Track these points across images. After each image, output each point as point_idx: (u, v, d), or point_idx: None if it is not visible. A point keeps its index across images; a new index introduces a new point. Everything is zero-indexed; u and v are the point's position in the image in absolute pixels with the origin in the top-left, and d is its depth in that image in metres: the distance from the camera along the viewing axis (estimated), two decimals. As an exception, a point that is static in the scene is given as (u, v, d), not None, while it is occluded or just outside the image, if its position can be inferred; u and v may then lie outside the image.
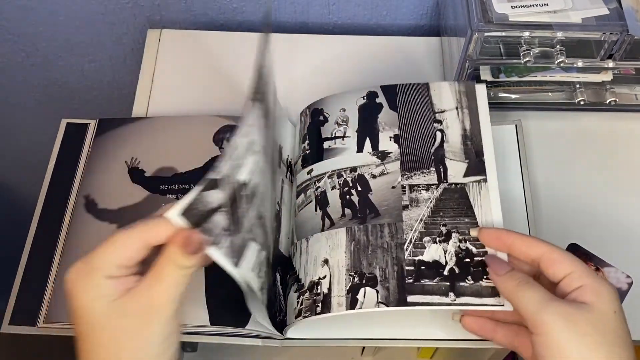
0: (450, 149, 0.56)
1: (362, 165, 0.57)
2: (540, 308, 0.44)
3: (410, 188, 0.55)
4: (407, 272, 0.51)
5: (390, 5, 0.79)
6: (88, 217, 0.60)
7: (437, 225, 0.53)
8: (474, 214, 0.53)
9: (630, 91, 0.68)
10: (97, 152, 0.64)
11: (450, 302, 0.49)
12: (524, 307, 0.45)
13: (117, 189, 0.61)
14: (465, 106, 0.58)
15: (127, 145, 0.64)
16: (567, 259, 0.46)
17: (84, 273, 0.41)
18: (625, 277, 0.58)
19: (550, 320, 0.43)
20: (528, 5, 0.59)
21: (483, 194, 0.54)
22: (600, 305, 0.44)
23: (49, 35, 0.84)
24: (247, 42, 0.76)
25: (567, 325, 0.43)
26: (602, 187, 0.65)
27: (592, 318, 0.43)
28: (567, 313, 0.43)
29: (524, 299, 0.45)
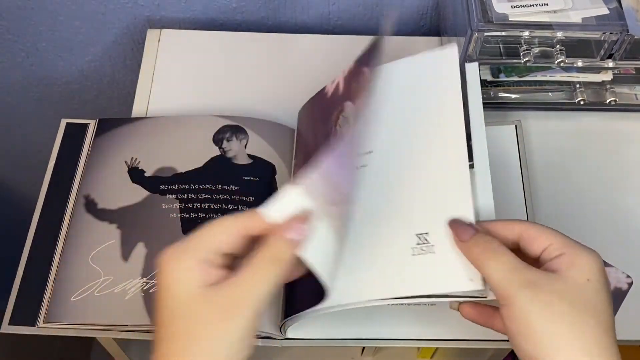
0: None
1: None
2: (506, 277, 0.41)
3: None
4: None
5: (390, 5, 0.79)
6: (88, 217, 0.60)
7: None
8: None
9: (630, 91, 0.68)
10: (97, 152, 0.64)
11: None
12: (490, 276, 0.42)
13: (116, 189, 0.61)
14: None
15: (127, 145, 0.64)
16: (545, 232, 0.44)
17: (179, 253, 0.39)
18: (625, 277, 0.58)
19: (516, 291, 0.40)
20: (528, 5, 0.59)
21: (471, 180, 0.49)
22: (572, 273, 0.41)
23: (49, 35, 0.84)
24: (247, 42, 0.76)
25: (533, 298, 0.40)
26: (602, 187, 0.65)
27: (559, 287, 0.41)
28: (532, 282, 0.41)
29: (489, 267, 0.42)
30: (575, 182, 0.65)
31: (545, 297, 0.40)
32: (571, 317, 0.40)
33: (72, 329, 0.55)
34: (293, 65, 0.74)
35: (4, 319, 0.56)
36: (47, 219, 0.61)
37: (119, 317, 0.55)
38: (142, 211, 0.60)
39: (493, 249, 0.43)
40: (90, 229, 0.60)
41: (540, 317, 0.40)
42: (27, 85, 0.93)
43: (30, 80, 0.92)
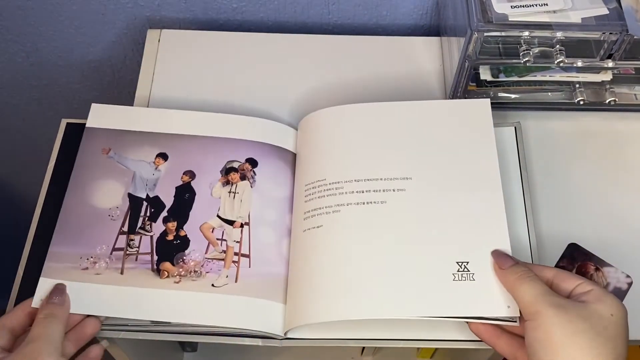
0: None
1: None
2: (537, 298, 0.47)
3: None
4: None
5: (390, 5, 0.79)
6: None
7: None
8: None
9: (630, 91, 0.68)
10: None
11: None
12: (521, 297, 0.48)
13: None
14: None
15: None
16: (576, 275, 0.50)
17: None
18: (625, 277, 0.58)
19: (544, 308, 0.46)
20: (528, 5, 0.59)
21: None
22: (598, 306, 0.46)
23: (49, 35, 0.84)
24: (247, 42, 0.76)
25: (558, 314, 0.45)
26: (602, 187, 0.65)
27: (586, 314, 0.46)
28: (562, 305, 0.46)
29: (522, 290, 0.48)
30: (575, 182, 0.65)
31: (569, 316, 0.45)
32: (590, 335, 0.45)
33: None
34: (293, 65, 0.74)
35: (4, 319, 0.56)
36: (47, 219, 0.61)
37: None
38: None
39: (528, 276, 0.49)
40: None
41: (562, 330, 0.45)
42: (27, 85, 0.93)
43: (30, 80, 0.92)
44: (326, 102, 0.69)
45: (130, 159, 0.63)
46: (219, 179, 0.62)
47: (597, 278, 0.59)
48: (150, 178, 0.62)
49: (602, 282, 0.59)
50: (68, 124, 0.66)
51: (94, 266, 0.57)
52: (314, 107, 0.66)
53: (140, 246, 0.59)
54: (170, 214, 0.60)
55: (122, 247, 0.58)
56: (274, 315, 0.56)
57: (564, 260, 0.60)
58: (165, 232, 0.59)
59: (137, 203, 0.61)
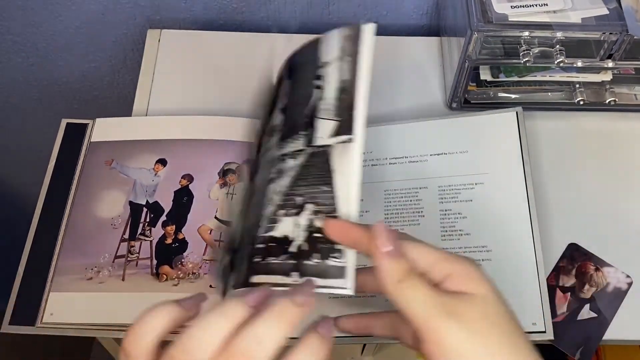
0: (324, 107, 0.46)
1: (265, 151, 0.51)
2: (426, 308, 0.38)
3: (280, 158, 0.47)
4: (257, 251, 0.45)
5: (390, 5, 0.79)
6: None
7: (293, 197, 0.45)
8: (332, 182, 0.44)
9: (629, 91, 0.68)
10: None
11: (292, 282, 0.42)
12: (408, 307, 0.38)
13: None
14: (348, 53, 0.46)
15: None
16: (422, 248, 0.41)
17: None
18: (625, 277, 0.58)
19: (439, 323, 0.37)
20: (528, 5, 0.59)
21: (346, 157, 0.43)
22: (484, 290, 0.39)
23: (49, 35, 0.84)
24: (247, 42, 0.76)
25: (458, 325, 0.37)
26: (602, 187, 0.65)
27: (480, 310, 0.38)
28: (455, 312, 0.38)
29: (409, 293, 0.38)
30: (575, 182, 0.65)
31: (471, 324, 0.38)
32: (500, 338, 0.38)
33: (72, 329, 0.55)
34: (293, 65, 0.74)
35: (4, 319, 0.56)
36: (47, 219, 0.61)
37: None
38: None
39: (413, 273, 0.39)
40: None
41: (472, 346, 0.37)
42: (27, 85, 0.93)
43: (30, 80, 0.92)
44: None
45: (131, 168, 0.63)
46: (217, 181, 0.62)
47: (597, 278, 0.59)
48: (149, 184, 0.62)
49: (602, 282, 0.59)
50: (68, 124, 0.66)
51: (97, 275, 0.58)
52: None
53: (140, 251, 0.59)
54: (169, 218, 0.60)
55: (123, 254, 0.59)
56: None
57: (564, 260, 0.60)
58: (164, 236, 0.60)
59: (138, 210, 0.61)
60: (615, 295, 0.58)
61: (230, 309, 0.34)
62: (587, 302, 0.58)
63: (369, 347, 0.79)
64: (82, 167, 0.63)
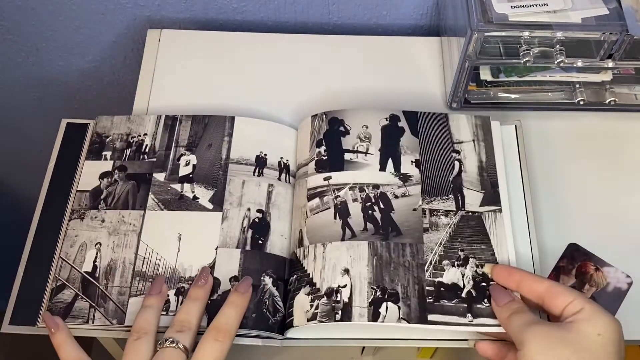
0: (468, 179, 0.60)
1: (385, 184, 0.59)
2: (522, 327, 0.48)
3: (431, 212, 0.58)
4: (427, 292, 0.54)
5: (390, 5, 0.79)
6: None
7: (455, 250, 0.56)
8: (490, 242, 0.56)
9: (630, 91, 0.68)
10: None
11: (467, 322, 0.52)
12: (511, 329, 0.49)
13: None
14: (481, 139, 0.62)
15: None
16: (568, 290, 0.50)
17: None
18: (625, 277, 0.58)
19: (527, 337, 0.47)
20: (528, 5, 0.59)
21: (498, 223, 0.57)
22: (585, 327, 0.46)
23: (49, 35, 0.84)
24: (247, 42, 0.76)
25: (541, 342, 0.46)
26: (602, 187, 0.65)
27: (569, 337, 0.46)
28: (544, 331, 0.47)
29: (512, 322, 0.49)
30: (575, 182, 0.65)
31: (551, 343, 0.46)
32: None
33: (74, 329, 0.55)
34: (293, 65, 0.74)
35: (4, 319, 0.56)
36: (47, 219, 0.61)
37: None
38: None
39: (521, 309, 0.50)
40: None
41: (544, 357, 0.45)
42: (27, 85, 0.93)
43: (30, 80, 0.92)
44: (326, 103, 0.69)
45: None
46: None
47: (597, 278, 0.59)
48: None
49: (602, 282, 0.59)
50: (68, 124, 0.66)
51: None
52: (314, 108, 0.66)
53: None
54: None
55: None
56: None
57: (564, 260, 0.60)
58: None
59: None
60: (615, 295, 0.58)
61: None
62: (587, 302, 0.58)
63: (369, 348, 0.79)
64: (82, 167, 0.63)
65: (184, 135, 0.65)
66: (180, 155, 0.63)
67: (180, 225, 0.59)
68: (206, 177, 0.62)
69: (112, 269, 0.57)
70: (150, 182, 0.62)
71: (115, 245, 0.58)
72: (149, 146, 0.64)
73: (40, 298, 0.56)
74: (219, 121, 0.65)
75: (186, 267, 0.57)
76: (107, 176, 0.62)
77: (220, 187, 0.61)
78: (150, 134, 0.65)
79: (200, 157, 0.63)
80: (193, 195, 0.61)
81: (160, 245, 0.58)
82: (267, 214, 0.60)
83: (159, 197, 0.61)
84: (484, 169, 0.60)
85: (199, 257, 0.57)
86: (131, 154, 0.64)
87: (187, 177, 0.62)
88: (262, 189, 0.61)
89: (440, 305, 0.53)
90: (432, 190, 0.59)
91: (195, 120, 0.66)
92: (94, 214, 0.60)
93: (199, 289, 0.54)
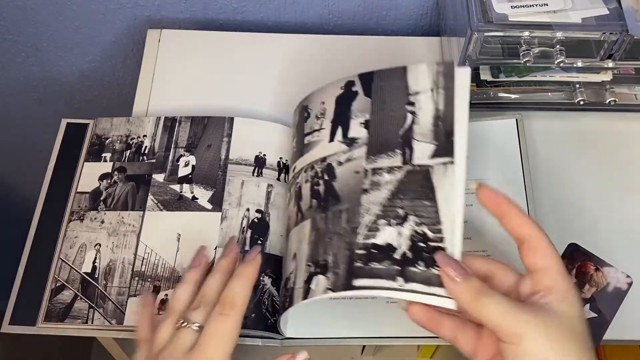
0: (420, 130, 0.52)
1: (331, 155, 0.55)
2: (511, 318, 0.42)
3: (373, 171, 0.52)
4: (358, 256, 0.48)
5: (390, 5, 0.79)
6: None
7: (394, 208, 0.50)
8: (435, 197, 0.49)
9: (630, 91, 0.68)
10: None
11: (397, 287, 0.46)
12: (489, 318, 0.43)
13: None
14: (441, 87, 0.53)
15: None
16: (550, 253, 0.46)
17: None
18: (625, 277, 0.58)
19: (525, 330, 0.42)
20: (528, 5, 0.59)
21: (448, 176, 0.49)
22: (568, 310, 0.44)
23: (49, 35, 0.84)
24: (247, 42, 0.76)
25: (540, 333, 0.42)
26: (602, 187, 0.65)
27: (563, 324, 0.43)
28: (540, 321, 0.42)
29: (486, 309, 0.43)
30: (575, 182, 0.65)
31: (554, 335, 0.42)
32: (577, 347, 0.42)
33: (72, 329, 0.55)
34: (293, 65, 0.74)
35: (4, 319, 0.56)
36: (47, 219, 0.61)
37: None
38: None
39: (486, 290, 0.43)
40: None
41: (554, 352, 0.42)
42: (27, 85, 0.93)
43: (30, 80, 0.92)
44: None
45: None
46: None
47: (597, 278, 0.59)
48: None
49: (602, 282, 0.59)
50: (68, 124, 0.66)
51: (94, 266, 0.58)
52: (314, 107, 0.66)
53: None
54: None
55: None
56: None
57: (564, 260, 0.60)
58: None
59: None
60: (615, 295, 0.58)
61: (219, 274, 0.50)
62: (587, 302, 0.58)
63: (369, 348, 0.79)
64: (82, 167, 0.63)
65: (183, 137, 0.65)
66: (180, 156, 0.63)
67: (180, 225, 0.59)
68: (205, 177, 0.62)
69: (112, 270, 0.57)
70: (149, 183, 0.62)
71: (114, 246, 0.58)
72: (149, 147, 0.64)
73: (40, 298, 0.56)
74: (218, 122, 0.65)
75: (185, 267, 0.57)
76: (107, 178, 0.62)
77: (219, 187, 0.61)
78: (149, 136, 0.65)
79: (200, 158, 0.63)
80: (192, 196, 0.61)
81: (160, 245, 0.58)
82: (266, 214, 0.60)
83: (158, 198, 0.61)
84: (440, 118, 0.52)
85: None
86: (130, 156, 0.64)
87: (187, 178, 0.62)
88: (261, 189, 0.61)
89: (370, 268, 0.47)
90: (378, 149, 0.53)
91: (195, 121, 0.66)
92: (93, 215, 0.60)
93: (223, 260, 0.51)
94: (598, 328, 0.57)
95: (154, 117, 0.66)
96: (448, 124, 0.51)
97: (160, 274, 0.57)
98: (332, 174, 0.54)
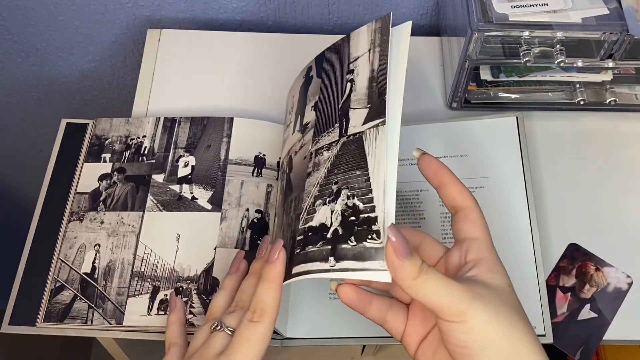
0: (356, 97, 0.48)
1: (292, 146, 0.54)
2: (452, 296, 0.41)
3: (316, 153, 0.49)
4: (297, 242, 0.46)
5: (390, 5, 0.79)
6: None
7: (330, 185, 0.46)
8: (367, 165, 0.45)
9: (630, 91, 0.68)
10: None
11: (329, 268, 0.43)
12: (430, 297, 0.41)
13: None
14: (377, 44, 0.49)
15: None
16: (482, 225, 0.45)
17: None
18: (625, 277, 0.58)
19: (467, 306, 0.40)
20: (528, 5, 0.59)
21: (379, 139, 0.44)
22: (501, 282, 0.43)
23: (49, 35, 0.84)
24: (247, 42, 0.76)
25: (484, 308, 0.41)
26: (602, 187, 0.65)
27: (500, 295, 0.42)
28: (481, 296, 0.41)
29: (426, 287, 0.41)
30: (575, 182, 0.65)
31: (496, 306, 0.41)
32: (517, 318, 0.42)
33: (72, 329, 0.55)
34: (293, 65, 0.74)
35: (4, 319, 0.56)
36: (47, 219, 0.61)
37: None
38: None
39: (427, 268, 0.41)
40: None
41: (501, 325, 0.41)
42: (27, 85, 0.93)
43: (30, 80, 0.92)
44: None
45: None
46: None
47: (597, 278, 0.59)
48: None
49: (602, 282, 0.59)
50: (68, 124, 0.66)
51: (93, 266, 0.58)
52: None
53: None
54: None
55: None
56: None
57: (564, 260, 0.60)
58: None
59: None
60: (615, 295, 0.58)
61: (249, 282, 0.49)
62: (587, 302, 0.58)
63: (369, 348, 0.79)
64: (81, 168, 0.63)
65: (183, 137, 0.65)
66: (179, 157, 0.63)
67: (179, 225, 0.59)
68: (205, 177, 0.62)
69: (111, 270, 0.57)
70: (149, 184, 0.62)
71: (114, 246, 0.58)
72: (148, 148, 0.64)
73: (39, 299, 0.56)
74: (218, 122, 0.65)
75: (184, 267, 0.57)
76: (106, 178, 0.62)
77: (219, 187, 0.61)
78: (149, 136, 0.65)
79: (199, 158, 0.63)
80: (192, 196, 0.61)
81: (159, 245, 0.58)
82: (265, 214, 0.60)
83: (158, 198, 0.61)
84: (375, 79, 0.47)
85: (197, 257, 0.57)
86: (130, 156, 0.64)
87: (186, 178, 0.62)
88: (261, 189, 0.61)
89: (305, 253, 0.44)
90: (322, 128, 0.49)
91: (194, 122, 0.66)
92: (93, 216, 0.60)
93: (257, 263, 0.50)
94: (598, 328, 0.57)
95: (154, 118, 0.66)
96: (381, 82, 0.46)
97: (160, 274, 0.57)
98: (290, 165, 0.53)
